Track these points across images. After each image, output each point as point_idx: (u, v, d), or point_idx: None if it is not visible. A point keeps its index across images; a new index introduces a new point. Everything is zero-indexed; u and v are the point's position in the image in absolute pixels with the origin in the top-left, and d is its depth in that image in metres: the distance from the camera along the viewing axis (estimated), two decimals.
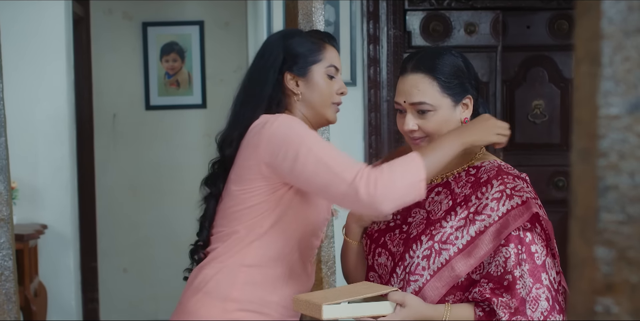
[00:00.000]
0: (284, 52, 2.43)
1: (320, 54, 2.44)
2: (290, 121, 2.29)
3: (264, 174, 2.28)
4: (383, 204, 2.08)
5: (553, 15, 5.48)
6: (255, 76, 2.46)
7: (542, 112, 5.52)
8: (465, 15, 5.35)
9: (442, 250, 2.17)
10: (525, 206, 2.14)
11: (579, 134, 0.82)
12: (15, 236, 3.20)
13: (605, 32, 0.79)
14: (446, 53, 2.27)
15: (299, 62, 2.42)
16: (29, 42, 5.00)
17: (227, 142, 2.40)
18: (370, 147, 5.22)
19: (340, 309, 2.07)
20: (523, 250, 2.11)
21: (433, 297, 2.17)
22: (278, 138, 2.24)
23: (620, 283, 0.79)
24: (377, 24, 5.23)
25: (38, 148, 5.05)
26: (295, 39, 2.45)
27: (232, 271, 2.33)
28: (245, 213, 2.33)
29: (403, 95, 2.25)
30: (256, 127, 2.31)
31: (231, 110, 2.47)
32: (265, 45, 2.51)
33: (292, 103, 2.44)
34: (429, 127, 2.22)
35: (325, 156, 2.17)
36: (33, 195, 5.03)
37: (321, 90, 2.44)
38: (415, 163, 2.09)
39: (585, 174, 0.81)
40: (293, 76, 2.42)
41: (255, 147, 2.28)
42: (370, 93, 5.23)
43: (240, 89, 2.48)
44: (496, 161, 2.28)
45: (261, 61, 2.47)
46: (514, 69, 5.53)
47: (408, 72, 2.25)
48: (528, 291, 2.09)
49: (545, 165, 5.51)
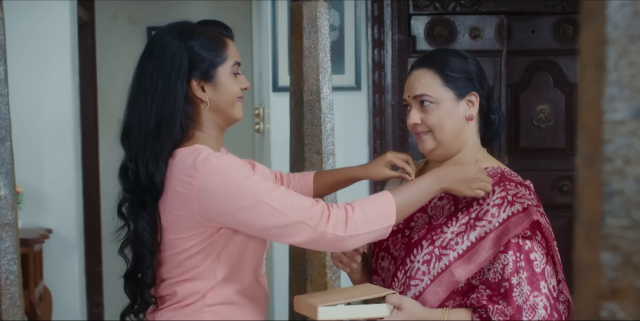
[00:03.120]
0: (187, 57, 2.17)
1: (224, 52, 2.22)
2: (218, 167, 2.07)
3: (199, 222, 2.11)
4: (349, 243, 2.07)
5: (558, 20, 5.48)
6: (160, 89, 2.15)
7: (547, 116, 5.52)
8: (470, 20, 5.35)
9: (442, 255, 2.17)
10: (526, 213, 2.13)
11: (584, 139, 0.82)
12: (20, 241, 3.21)
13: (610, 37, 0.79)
14: (456, 54, 2.29)
15: (204, 67, 2.18)
16: (34, 47, 5.01)
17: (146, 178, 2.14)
18: (375, 151, 5.22)
19: (337, 311, 2.08)
20: (522, 258, 2.11)
21: (433, 302, 2.17)
22: (212, 192, 2.06)
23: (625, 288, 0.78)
24: (381, 28, 5.23)
25: (43, 153, 5.06)
26: (196, 39, 2.19)
27: (195, 313, 2.20)
28: (191, 261, 2.17)
29: (407, 90, 2.28)
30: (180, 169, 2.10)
31: (136, 133, 2.18)
32: (161, 48, 2.18)
33: (199, 112, 2.20)
34: (431, 121, 2.23)
35: (276, 203, 2.04)
36: (38, 199, 5.04)
37: (229, 91, 2.21)
38: (388, 208, 2.08)
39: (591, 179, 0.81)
40: (199, 82, 2.18)
41: (185, 199, 2.08)
42: (375, 98, 5.23)
43: (141, 106, 2.18)
44: (500, 167, 2.29)
45: (162, 67, 2.16)
46: (518, 74, 5.53)
47: (414, 69, 2.28)
48: (525, 299, 2.08)
49: (550, 170, 5.50)
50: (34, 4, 4.98)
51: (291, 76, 3.17)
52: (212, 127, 2.23)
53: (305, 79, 3.08)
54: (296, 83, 3.13)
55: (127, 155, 2.21)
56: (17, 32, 4.84)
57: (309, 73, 3.08)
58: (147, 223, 2.16)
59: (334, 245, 2.07)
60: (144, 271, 2.22)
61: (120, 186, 2.24)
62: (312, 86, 3.08)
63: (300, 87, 3.10)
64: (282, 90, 4.98)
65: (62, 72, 5.08)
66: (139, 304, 2.28)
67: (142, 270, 2.23)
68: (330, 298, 2.12)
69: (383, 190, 2.24)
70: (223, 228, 2.14)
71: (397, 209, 2.09)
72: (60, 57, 5.08)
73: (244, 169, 2.09)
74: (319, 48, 3.08)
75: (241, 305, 2.23)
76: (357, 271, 2.39)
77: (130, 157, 2.19)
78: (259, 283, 2.29)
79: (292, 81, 3.15)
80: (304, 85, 3.08)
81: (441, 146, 2.26)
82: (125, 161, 2.21)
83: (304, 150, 3.07)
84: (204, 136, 2.21)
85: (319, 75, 3.08)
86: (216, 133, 2.25)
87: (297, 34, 3.11)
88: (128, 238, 2.24)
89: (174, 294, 2.21)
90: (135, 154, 2.17)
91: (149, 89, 2.16)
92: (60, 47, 5.08)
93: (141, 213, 2.17)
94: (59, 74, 5.07)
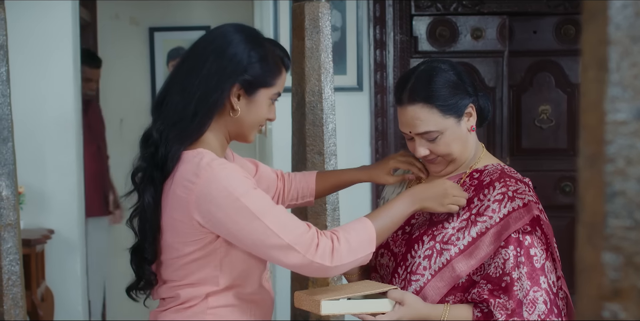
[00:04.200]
0: (246, 63, 2.17)
1: (276, 79, 2.23)
2: (220, 175, 2.06)
3: (197, 228, 2.10)
4: (333, 272, 2.11)
5: (560, 20, 5.47)
6: (213, 79, 2.15)
7: (549, 117, 5.52)
8: (472, 20, 5.35)
9: (444, 250, 2.19)
10: (526, 208, 2.16)
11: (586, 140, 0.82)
12: (22, 241, 3.21)
13: (612, 38, 0.79)
14: (437, 73, 2.25)
15: (253, 81, 2.17)
16: (36, 48, 5.01)
17: (163, 155, 2.14)
18: (377, 152, 5.22)
19: (339, 305, 2.10)
20: (522, 253, 2.13)
21: (434, 297, 2.18)
22: (211, 199, 2.06)
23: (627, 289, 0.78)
24: (383, 29, 5.23)
25: (45, 153, 5.05)
26: (260, 51, 2.19)
27: (198, 315, 2.20)
28: (192, 266, 2.16)
29: (407, 126, 2.25)
30: (182, 173, 2.10)
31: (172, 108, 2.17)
32: (227, 43, 2.18)
33: (223, 117, 2.19)
34: (441, 150, 2.25)
35: (271, 223, 2.05)
36: (40, 200, 5.04)
37: (259, 114, 2.22)
38: (369, 235, 2.12)
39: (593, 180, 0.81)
40: (240, 89, 2.17)
41: (184, 202, 2.09)
42: (377, 98, 5.23)
43: (188, 86, 2.16)
44: (499, 164, 2.31)
45: (220, 60, 2.16)
46: (520, 74, 5.52)
47: (405, 104, 2.24)
48: (525, 294, 2.10)
49: (552, 170, 5.50)
50: (36, 4, 4.98)
51: (293, 76, 3.17)
52: (222, 134, 2.22)
53: (307, 80, 3.08)
54: (298, 84, 3.13)
55: (154, 125, 2.20)
56: (18, 32, 4.84)
57: (311, 74, 3.08)
58: (152, 198, 2.16)
59: (319, 273, 2.11)
60: (145, 247, 2.22)
61: (139, 152, 2.24)
62: (314, 87, 3.08)
63: (302, 87, 3.10)
64: (284, 90, 4.95)
65: (64, 72, 5.08)
66: (144, 281, 2.29)
67: (144, 246, 2.23)
68: (332, 294, 2.14)
69: (382, 196, 2.25)
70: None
71: (376, 236, 2.14)
72: (62, 57, 5.08)
73: (245, 181, 2.08)
74: (321, 49, 3.08)
75: (244, 308, 2.23)
76: (353, 272, 2.40)
77: (156, 128, 2.18)
78: (263, 287, 2.29)
79: (294, 81, 3.15)
80: (305, 85, 3.08)
81: (452, 164, 2.30)
82: (151, 130, 2.20)
83: (306, 151, 3.07)
84: (212, 139, 2.20)
85: (321, 75, 3.08)
86: (224, 140, 2.24)
87: (299, 34, 3.11)
88: (136, 209, 2.24)
89: (176, 296, 2.21)
90: (163, 128, 2.16)
91: (201, 74, 2.15)
92: (62, 48, 5.08)
93: (149, 187, 2.17)
94: (60, 75, 5.07)
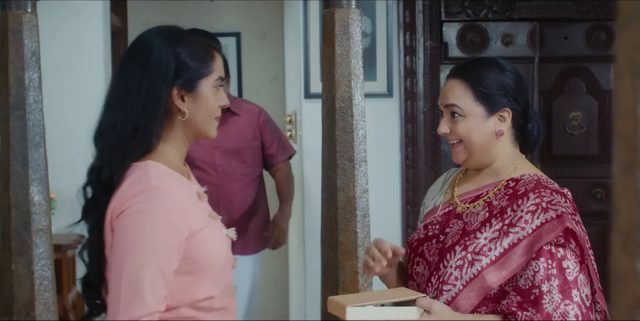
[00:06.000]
0: (174, 63, 2.07)
1: (210, 65, 2.12)
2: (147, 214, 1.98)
3: None
4: None
5: (590, 27, 5.44)
6: (144, 93, 2.05)
7: (580, 123, 5.49)
8: (502, 27, 5.33)
9: (475, 261, 2.18)
10: (559, 220, 2.13)
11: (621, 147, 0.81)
12: (54, 246, 3.23)
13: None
14: (493, 67, 2.29)
15: (189, 76, 2.08)
16: (67, 55, 5.05)
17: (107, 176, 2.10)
18: (407, 158, 5.21)
19: (365, 311, 2.09)
20: (553, 265, 2.10)
21: (466, 307, 2.17)
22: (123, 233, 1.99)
23: None
24: (413, 35, 5.23)
25: (76, 159, 5.07)
26: (185, 46, 2.10)
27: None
28: None
29: (441, 97, 2.31)
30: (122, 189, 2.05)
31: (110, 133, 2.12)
32: (148, 50, 2.09)
33: (171, 122, 2.10)
34: (459, 132, 2.26)
35: (147, 285, 1.93)
36: (71, 205, 5.06)
37: (209, 106, 2.11)
38: None
39: (627, 188, 0.80)
40: (180, 91, 2.08)
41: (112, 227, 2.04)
42: (407, 105, 5.22)
43: (121, 106, 2.09)
44: (536, 174, 2.28)
45: (147, 70, 2.06)
46: (551, 81, 5.50)
47: (450, 77, 2.30)
48: (555, 307, 2.07)
49: (583, 177, 5.47)
50: (67, 11, 5.02)
51: (323, 82, 3.17)
52: (179, 139, 2.14)
53: (337, 86, 3.08)
54: (328, 90, 3.13)
55: (98, 155, 2.16)
56: (50, 39, 4.88)
57: (341, 80, 3.08)
58: (94, 223, 2.11)
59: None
60: (90, 273, 2.14)
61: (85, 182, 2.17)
62: (344, 93, 3.08)
63: (332, 94, 3.10)
64: (314, 97, 4.98)
65: (95, 79, 5.11)
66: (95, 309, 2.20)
67: (89, 272, 2.15)
68: (361, 299, 2.13)
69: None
70: None
71: None
72: (93, 64, 5.12)
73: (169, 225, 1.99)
74: (351, 55, 3.08)
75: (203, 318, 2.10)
76: (392, 280, 2.38)
77: (99, 158, 2.14)
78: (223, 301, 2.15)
79: (324, 87, 3.16)
80: (336, 92, 3.08)
81: (472, 158, 2.27)
82: (95, 161, 2.16)
83: (336, 157, 3.07)
84: (167, 148, 2.12)
85: (351, 82, 3.08)
86: (182, 145, 2.15)
87: (329, 41, 3.11)
88: (86, 243, 2.18)
89: None
90: (104, 155, 2.12)
91: (132, 91, 2.07)
92: (94, 55, 5.12)
93: (92, 211, 2.12)
94: (92, 81, 5.10)
